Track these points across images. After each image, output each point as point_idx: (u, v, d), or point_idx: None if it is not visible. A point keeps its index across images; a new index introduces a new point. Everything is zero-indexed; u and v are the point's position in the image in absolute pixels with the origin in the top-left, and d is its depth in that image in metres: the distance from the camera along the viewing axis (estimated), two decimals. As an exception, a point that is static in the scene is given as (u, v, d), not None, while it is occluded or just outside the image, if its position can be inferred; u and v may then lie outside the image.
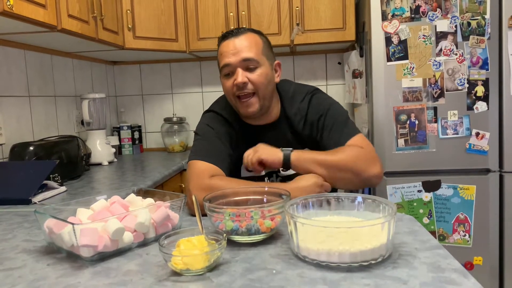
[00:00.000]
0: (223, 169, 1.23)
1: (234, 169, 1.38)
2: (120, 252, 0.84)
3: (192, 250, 0.73)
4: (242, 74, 1.24)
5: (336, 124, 1.29)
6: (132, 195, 0.99)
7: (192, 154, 1.27)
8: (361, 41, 2.25)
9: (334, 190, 1.35)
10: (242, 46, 1.25)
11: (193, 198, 0.84)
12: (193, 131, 1.41)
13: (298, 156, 1.18)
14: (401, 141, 2.04)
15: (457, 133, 2.02)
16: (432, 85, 2.01)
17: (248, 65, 1.25)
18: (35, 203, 1.37)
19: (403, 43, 2.00)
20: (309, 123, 1.33)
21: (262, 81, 1.26)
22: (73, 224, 0.77)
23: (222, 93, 1.38)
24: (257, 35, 1.31)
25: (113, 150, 2.37)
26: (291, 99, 1.36)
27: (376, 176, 1.19)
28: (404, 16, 2.00)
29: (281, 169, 1.35)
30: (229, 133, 1.34)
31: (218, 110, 1.38)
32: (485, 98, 2.00)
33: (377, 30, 2.02)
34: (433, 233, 2.04)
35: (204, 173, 1.18)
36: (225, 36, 1.30)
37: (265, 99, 1.29)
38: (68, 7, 1.67)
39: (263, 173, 1.37)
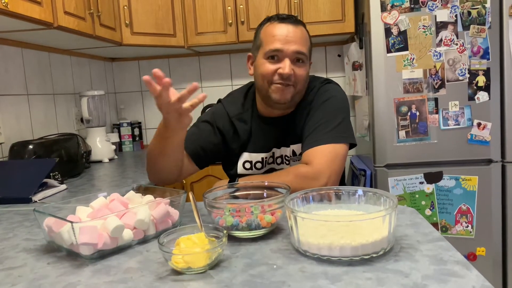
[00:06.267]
0: (188, 150, 1.30)
1: (234, 162, 1.38)
2: (120, 249, 0.83)
3: (193, 248, 0.72)
4: (290, 66, 1.23)
5: (321, 122, 1.24)
6: (132, 192, 0.98)
7: None
8: (360, 32, 2.23)
9: (342, 183, 1.35)
10: (298, 38, 1.23)
11: (190, 196, 0.83)
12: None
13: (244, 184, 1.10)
14: (402, 133, 2.03)
15: (458, 124, 2.01)
16: (433, 76, 1.99)
17: (298, 58, 1.24)
18: (36, 201, 1.36)
19: (402, 34, 1.99)
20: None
21: (304, 78, 1.28)
22: (72, 222, 0.76)
23: (223, 86, 1.38)
24: (307, 32, 1.30)
25: (113, 147, 2.37)
26: (308, 90, 1.34)
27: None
28: (403, 6, 1.98)
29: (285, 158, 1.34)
30: (229, 129, 1.36)
31: (228, 106, 1.38)
32: (487, 88, 1.98)
33: (376, 22, 2.00)
34: (435, 224, 2.04)
35: None
36: (283, 18, 1.26)
37: (298, 93, 1.29)
38: (64, 4, 1.66)
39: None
